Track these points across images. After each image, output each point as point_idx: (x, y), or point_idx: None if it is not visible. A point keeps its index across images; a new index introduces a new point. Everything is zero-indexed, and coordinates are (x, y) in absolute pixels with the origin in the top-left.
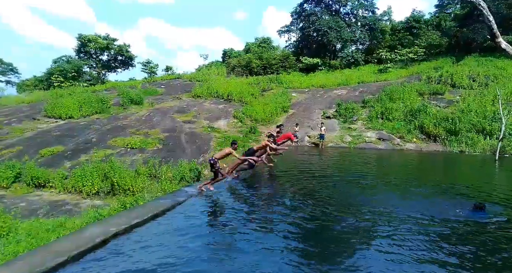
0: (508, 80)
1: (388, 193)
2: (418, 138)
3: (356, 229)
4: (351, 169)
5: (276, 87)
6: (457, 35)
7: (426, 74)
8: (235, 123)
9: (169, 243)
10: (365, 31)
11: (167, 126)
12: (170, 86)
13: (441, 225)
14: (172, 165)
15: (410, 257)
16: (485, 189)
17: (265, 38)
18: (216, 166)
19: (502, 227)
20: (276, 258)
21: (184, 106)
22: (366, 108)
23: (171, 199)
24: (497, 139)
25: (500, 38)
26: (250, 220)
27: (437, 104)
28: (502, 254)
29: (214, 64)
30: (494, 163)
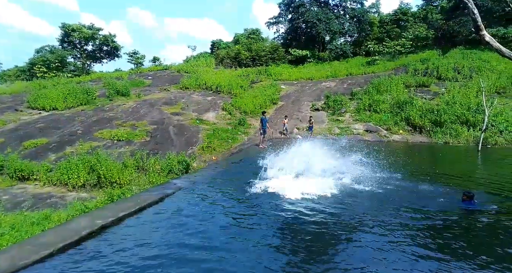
0: (492, 73)
1: (377, 183)
2: (405, 129)
3: (342, 222)
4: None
5: (265, 79)
6: (443, 28)
7: (413, 67)
8: (224, 115)
9: (156, 236)
10: (354, 23)
11: (155, 118)
12: (158, 78)
13: (432, 216)
14: (160, 157)
15: (401, 252)
16: (470, 178)
17: (254, 29)
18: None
19: (491, 217)
20: (263, 254)
21: (172, 97)
22: (354, 100)
23: (159, 191)
24: (480, 130)
25: (484, 31)
26: (238, 215)
27: (423, 96)
28: (494, 246)
29: (202, 56)
30: (477, 154)
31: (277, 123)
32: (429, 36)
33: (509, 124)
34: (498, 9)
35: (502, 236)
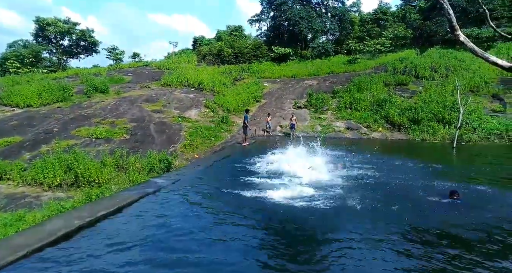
0: (466, 72)
1: (361, 179)
2: (384, 127)
3: (325, 222)
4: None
5: (248, 77)
6: (421, 28)
7: (392, 65)
8: (206, 113)
9: (133, 238)
10: (335, 22)
11: (135, 116)
12: (138, 74)
13: (420, 216)
14: (140, 155)
15: (392, 253)
16: (449, 174)
17: (237, 26)
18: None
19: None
20: (246, 254)
21: (153, 95)
22: (335, 98)
23: (139, 190)
24: (455, 128)
25: (459, 31)
26: (220, 214)
27: (402, 95)
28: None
29: (184, 52)
30: (452, 150)
31: (260, 121)
32: (407, 36)
33: (482, 121)
34: (472, 10)
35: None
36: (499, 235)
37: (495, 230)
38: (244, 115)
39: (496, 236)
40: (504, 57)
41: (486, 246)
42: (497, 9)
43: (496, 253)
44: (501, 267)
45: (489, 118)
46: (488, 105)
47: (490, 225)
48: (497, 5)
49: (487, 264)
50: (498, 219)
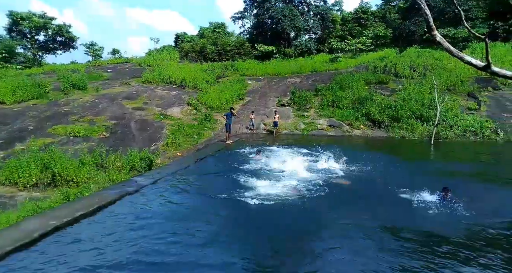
0: (443, 70)
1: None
2: (365, 124)
3: (314, 220)
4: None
5: (232, 74)
6: (400, 27)
7: (373, 64)
8: (189, 111)
9: (115, 236)
10: (317, 20)
11: (115, 113)
12: (118, 71)
13: (416, 213)
14: (121, 154)
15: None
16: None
17: (220, 23)
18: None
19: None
20: (228, 250)
21: (133, 92)
22: (318, 96)
23: (119, 189)
24: (433, 125)
25: (435, 31)
26: (202, 213)
27: (382, 93)
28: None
29: (166, 49)
30: (430, 147)
31: (244, 119)
32: (387, 35)
33: (458, 119)
34: (449, 11)
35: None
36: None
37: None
38: (227, 113)
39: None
40: (478, 57)
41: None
42: (472, 10)
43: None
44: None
45: (464, 116)
46: (464, 103)
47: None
48: (472, 6)
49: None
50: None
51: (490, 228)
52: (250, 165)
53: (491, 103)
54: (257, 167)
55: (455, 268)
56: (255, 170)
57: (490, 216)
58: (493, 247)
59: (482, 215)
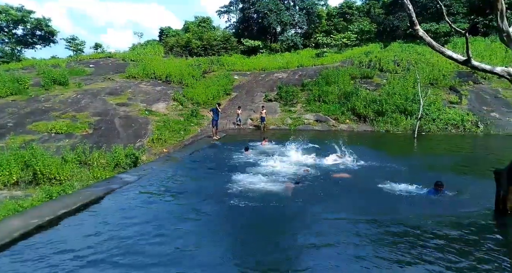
0: (426, 65)
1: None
2: (351, 119)
3: (303, 217)
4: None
5: (218, 69)
6: (385, 22)
7: (358, 59)
8: (175, 106)
9: (99, 235)
10: (303, 15)
11: (98, 109)
12: (100, 66)
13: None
14: (105, 151)
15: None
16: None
17: (205, 17)
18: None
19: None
20: (212, 250)
21: (117, 87)
22: (305, 91)
23: (104, 187)
24: (416, 119)
25: (418, 26)
26: (188, 211)
27: (367, 87)
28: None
29: (150, 43)
30: (413, 140)
31: (231, 114)
32: (372, 30)
33: (441, 113)
34: (431, 6)
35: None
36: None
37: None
38: (213, 109)
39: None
40: (459, 52)
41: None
42: (453, 5)
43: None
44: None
45: (446, 110)
46: (446, 97)
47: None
48: (453, 1)
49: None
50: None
51: (478, 219)
52: (238, 161)
53: (472, 96)
54: (245, 163)
55: (444, 262)
56: (243, 166)
57: (474, 207)
58: (478, 240)
59: (469, 207)
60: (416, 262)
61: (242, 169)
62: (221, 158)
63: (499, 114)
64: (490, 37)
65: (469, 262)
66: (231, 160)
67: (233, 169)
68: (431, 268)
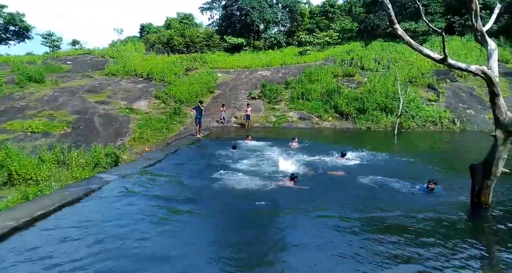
0: (406, 63)
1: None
2: (333, 116)
3: (288, 215)
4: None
5: (201, 67)
6: (365, 21)
7: (340, 57)
8: (157, 104)
9: (77, 237)
10: (286, 13)
11: (77, 107)
12: (79, 63)
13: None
14: (84, 150)
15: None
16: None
17: (187, 14)
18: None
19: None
20: (194, 251)
21: (96, 85)
22: (288, 89)
23: (83, 187)
24: (396, 116)
25: (397, 25)
26: (171, 209)
27: (349, 85)
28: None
29: (130, 40)
30: (393, 137)
31: (215, 112)
32: (353, 29)
33: (419, 110)
34: (410, 5)
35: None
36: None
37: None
38: (195, 107)
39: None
40: (437, 50)
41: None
42: (431, 5)
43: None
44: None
45: (425, 107)
46: (424, 95)
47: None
48: (431, 0)
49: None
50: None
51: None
52: (222, 159)
53: (449, 94)
54: (231, 161)
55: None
56: (228, 164)
57: (451, 201)
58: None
59: (446, 201)
60: (390, 257)
61: (227, 167)
62: (205, 156)
63: (474, 111)
64: (466, 36)
65: (445, 255)
66: (215, 158)
67: (218, 167)
68: (407, 265)
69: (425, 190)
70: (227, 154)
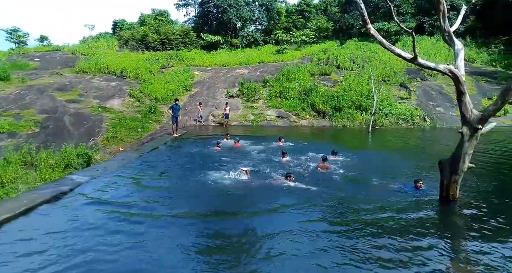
0: (379, 62)
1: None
2: (311, 115)
3: (269, 217)
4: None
5: (177, 64)
6: (341, 20)
7: (316, 56)
8: (132, 103)
9: (44, 243)
10: (263, 11)
11: (46, 106)
12: (47, 60)
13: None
14: (54, 150)
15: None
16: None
17: (162, 10)
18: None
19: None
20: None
21: (66, 83)
22: (266, 87)
23: (52, 189)
24: (371, 114)
25: (370, 25)
26: (146, 213)
27: (325, 84)
28: None
29: (102, 36)
30: (368, 134)
31: (192, 111)
32: (329, 28)
33: (392, 108)
34: (383, 6)
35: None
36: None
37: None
38: (172, 105)
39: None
40: (408, 50)
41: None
42: (402, 6)
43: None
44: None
45: (397, 105)
46: (397, 93)
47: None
48: (403, 1)
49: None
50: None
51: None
52: (199, 158)
53: (420, 92)
54: (209, 159)
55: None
56: (207, 163)
57: (421, 194)
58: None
59: (417, 195)
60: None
61: (204, 167)
62: (181, 155)
63: (444, 109)
64: (435, 36)
65: (414, 250)
66: (192, 158)
67: (194, 167)
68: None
69: (412, 190)
70: (205, 153)
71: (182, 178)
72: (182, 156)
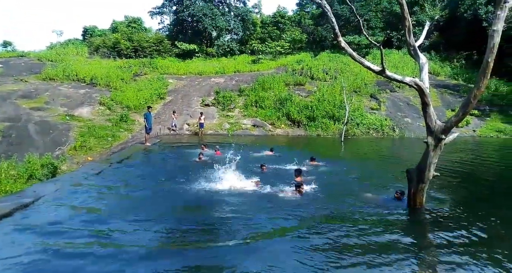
0: (351, 74)
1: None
2: (286, 124)
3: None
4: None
5: (151, 72)
6: (314, 33)
7: (291, 67)
8: (102, 111)
9: (2, 259)
10: (238, 22)
11: (8, 114)
12: (11, 66)
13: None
14: (16, 160)
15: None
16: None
17: (136, 18)
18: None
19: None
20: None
21: (31, 90)
22: (242, 96)
23: (13, 201)
24: (343, 124)
25: (340, 38)
26: (111, 230)
27: (300, 94)
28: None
29: (72, 43)
30: (340, 143)
31: (166, 119)
32: (303, 39)
33: (363, 118)
34: (354, 20)
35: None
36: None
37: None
38: (145, 113)
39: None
40: (378, 62)
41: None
42: (372, 20)
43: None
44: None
45: (368, 115)
46: (368, 104)
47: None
48: (372, 16)
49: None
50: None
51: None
52: (171, 168)
53: (389, 103)
54: (179, 170)
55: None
56: (179, 173)
57: (390, 202)
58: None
59: (386, 203)
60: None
61: (175, 177)
62: (153, 165)
63: (411, 119)
64: (403, 50)
65: (387, 255)
66: (165, 167)
67: (165, 178)
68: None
69: (393, 201)
70: (178, 163)
71: (149, 189)
72: (153, 166)
